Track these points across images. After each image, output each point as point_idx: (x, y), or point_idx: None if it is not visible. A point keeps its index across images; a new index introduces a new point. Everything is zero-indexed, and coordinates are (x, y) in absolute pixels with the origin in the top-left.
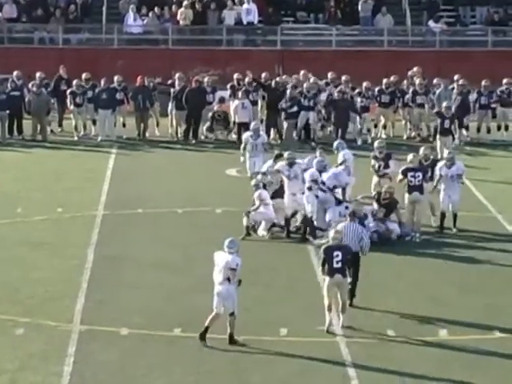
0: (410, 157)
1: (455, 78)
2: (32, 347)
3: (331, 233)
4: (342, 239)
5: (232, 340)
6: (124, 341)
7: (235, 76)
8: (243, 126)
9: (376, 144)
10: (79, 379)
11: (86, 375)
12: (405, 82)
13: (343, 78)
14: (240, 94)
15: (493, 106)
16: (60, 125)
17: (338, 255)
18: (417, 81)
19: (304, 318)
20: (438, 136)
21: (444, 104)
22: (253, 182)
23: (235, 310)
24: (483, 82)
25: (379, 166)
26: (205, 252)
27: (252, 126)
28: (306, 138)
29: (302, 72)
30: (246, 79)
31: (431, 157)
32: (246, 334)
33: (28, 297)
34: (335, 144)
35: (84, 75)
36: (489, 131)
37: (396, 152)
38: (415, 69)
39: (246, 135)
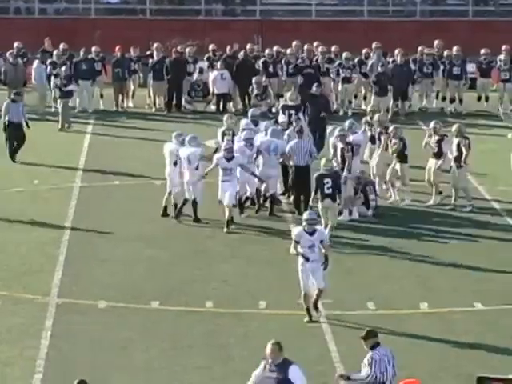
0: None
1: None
2: (9, 320)
3: (323, 161)
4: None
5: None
6: (102, 314)
7: (211, 47)
8: (222, 97)
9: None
10: (57, 353)
11: (64, 348)
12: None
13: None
14: (219, 64)
15: (472, 76)
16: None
17: (328, 182)
18: (396, 51)
19: (283, 291)
20: None
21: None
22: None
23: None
24: (454, 51)
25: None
26: (182, 225)
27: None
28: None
29: (294, 43)
30: (227, 50)
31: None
32: (225, 306)
33: (4, 270)
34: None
35: (61, 46)
36: (461, 101)
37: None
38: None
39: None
